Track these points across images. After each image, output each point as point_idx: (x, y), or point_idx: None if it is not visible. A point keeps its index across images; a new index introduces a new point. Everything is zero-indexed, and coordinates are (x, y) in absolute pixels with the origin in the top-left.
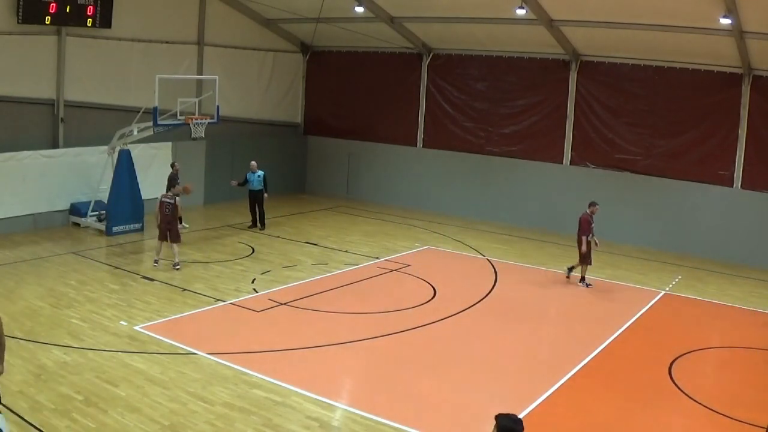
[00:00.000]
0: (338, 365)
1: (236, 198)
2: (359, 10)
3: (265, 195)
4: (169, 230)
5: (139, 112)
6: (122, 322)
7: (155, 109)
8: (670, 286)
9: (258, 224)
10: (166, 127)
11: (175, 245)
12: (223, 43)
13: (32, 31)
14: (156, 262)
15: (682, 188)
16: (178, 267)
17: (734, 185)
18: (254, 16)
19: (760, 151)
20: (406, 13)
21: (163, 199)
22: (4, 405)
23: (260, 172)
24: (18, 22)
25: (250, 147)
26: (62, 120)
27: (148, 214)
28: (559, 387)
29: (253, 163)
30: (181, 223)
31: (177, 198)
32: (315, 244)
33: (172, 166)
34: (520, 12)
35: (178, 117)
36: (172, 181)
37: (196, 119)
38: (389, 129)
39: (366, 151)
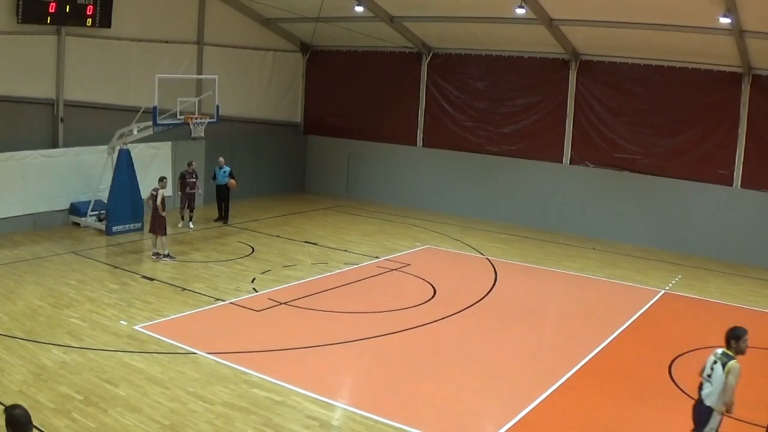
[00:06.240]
0: (338, 364)
1: (235, 197)
2: (359, 9)
3: (233, 181)
4: (152, 222)
5: (138, 111)
6: (122, 322)
7: (155, 108)
8: (670, 285)
9: (223, 218)
10: (165, 126)
11: (158, 237)
12: (223, 43)
13: (32, 31)
14: (153, 255)
15: (682, 187)
16: (164, 259)
17: (734, 184)
18: (254, 15)
19: (759, 150)
20: (405, 13)
21: (151, 192)
22: (3, 404)
23: (227, 168)
24: (18, 22)
25: (249, 146)
26: (62, 120)
27: (147, 214)
28: (559, 387)
29: (221, 159)
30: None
31: (160, 192)
32: (315, 244)
33: (189, 164)
34: (520, 11)
35: (178, 116)
36: (182, 178)
37: (196, 119)
38: (389, 128)
39: (366, 151)
